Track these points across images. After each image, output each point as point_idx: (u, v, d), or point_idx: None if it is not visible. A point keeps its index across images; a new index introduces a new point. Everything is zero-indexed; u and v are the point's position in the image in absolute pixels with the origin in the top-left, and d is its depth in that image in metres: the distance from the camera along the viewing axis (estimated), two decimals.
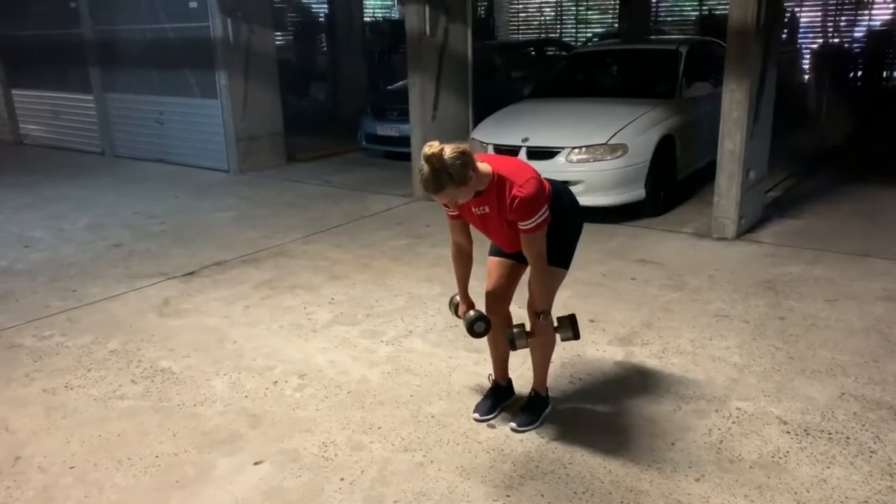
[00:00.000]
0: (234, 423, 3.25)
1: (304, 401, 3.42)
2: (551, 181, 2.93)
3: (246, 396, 3.48)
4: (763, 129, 5.65)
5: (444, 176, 2.49)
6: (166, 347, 4.06)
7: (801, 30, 12.85)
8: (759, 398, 3.25)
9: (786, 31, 12.58)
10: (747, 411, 3.15)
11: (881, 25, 12.74)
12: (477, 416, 3.17)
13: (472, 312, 3.00)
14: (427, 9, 6.81)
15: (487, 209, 2.74)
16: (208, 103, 8.93)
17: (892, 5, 13.66)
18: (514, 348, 2.91)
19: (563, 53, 11.11)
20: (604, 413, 3.21)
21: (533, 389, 3.18)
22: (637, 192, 5.98)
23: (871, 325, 3.96)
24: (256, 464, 2.93)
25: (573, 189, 5.76)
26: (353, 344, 4.02)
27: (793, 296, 4.40)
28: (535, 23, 17.96)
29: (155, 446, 3.08)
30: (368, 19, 15.27)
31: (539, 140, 6.04)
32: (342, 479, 2.80)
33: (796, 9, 12.67)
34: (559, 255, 2.89)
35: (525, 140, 6.10)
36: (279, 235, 6.18)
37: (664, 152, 6.19)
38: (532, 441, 3.01)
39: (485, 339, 3.27)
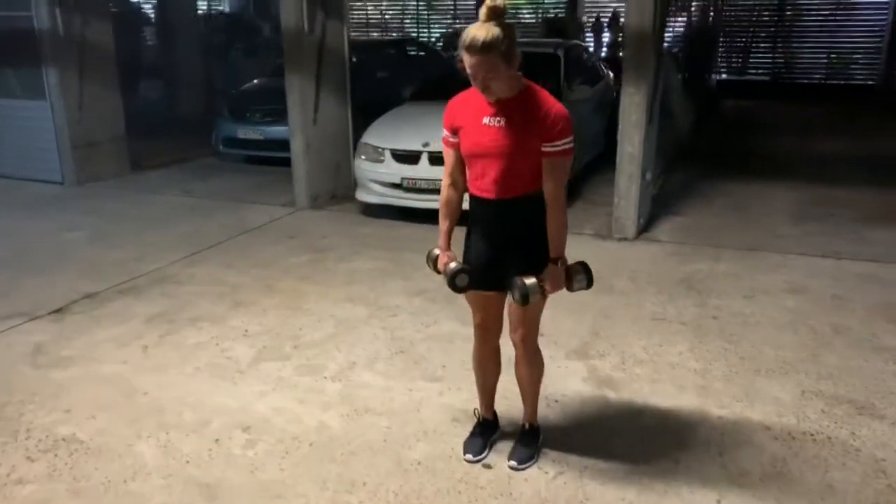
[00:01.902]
0: (183, 497, 2.71)
1: (262, 460, 2.94)
2: None
3: (187, 462, 2.93)
4: (654, 130, 5.85)
5: (503, 33, 2.32)
6: (59, 408, 3.34)
7: None
8: (732, 404, 3.28)
9: (621, 36, 13.37)
10: (729, 419, 3.16)
11: (693, 28, 13.54)
12: (469, 456, 2.89)
13: (453, 264, 2.65)
14: (305, 4, 6.31)
15: (503, 122, 2.46)
16: (34, 105, 7.69)
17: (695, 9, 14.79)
18: (527, 303, 2.52)
19: (422, 54, 10.96)
20: (594, 436, 3.07)
21: (526, 422, 2.96)
22: None
23: (793, 318, 4.19)
24: None
25: None
26: (292, 384, 3.56)
27: (713, 294, 4.56)
28: (376, 22, 17.66)
29: None
30: (203, 13, 14.13)
31: (440, 145, 5.78)
32: None
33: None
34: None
35: (426, 145, 5.85)
36: (153, 257, 5.42)
37: None
38: (537, 478, 2.79)
39: (470, 371, 3.01)
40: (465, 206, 2.73)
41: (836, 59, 14.21)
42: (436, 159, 5.81)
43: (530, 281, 2.51)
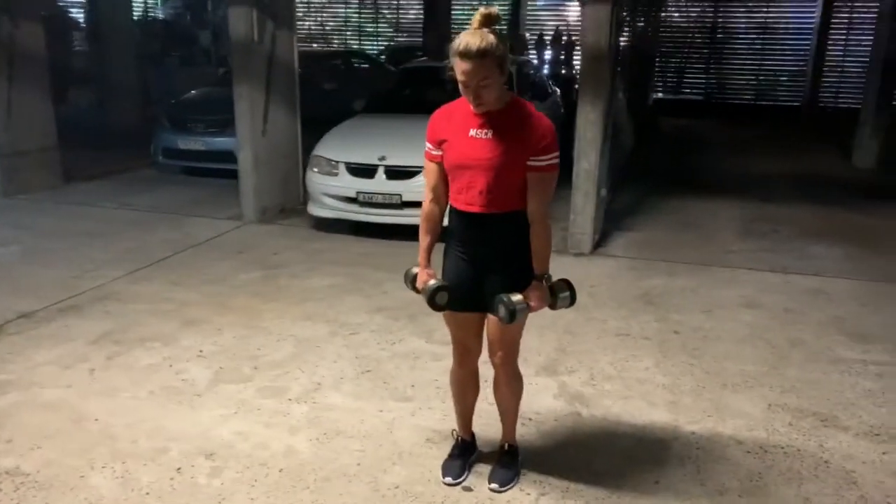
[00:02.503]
0: None
1: (229, 489, 2.78)
2: None
3: (147, 494, 2.74)
4: (608, 147, 5.92)
5: (497, 40, 2.29)
6: (0, 438, 3.08)
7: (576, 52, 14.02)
8: (704, 419, 3.31)
9: (563, 53, 13.62)
10: (703, 435, 3.18)
11: (634, 48, 13.89)
12: (449, 479, 2.81)
13: (432, 282, 2.55)
14: (255, 14, 6.14)
15: (490, 134, 2.41)
16: None
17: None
18: (513, 321, 2.45)
19: (366, 66, 10.87)
20: (572, 455, 3.03)
21: (506, 443, 2.90)
22: None
23: (751, 332, 4.28)
24: None
25: None
26: (255, 406, 3.39)
27: (672, 309, 4.62)
28: (318, 34, 17.45)
29: None
30: (138, 19, 13.65)
31: (397, 159, 5.73)
32: None
33: (572, 35, 13.79)
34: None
35: (382, 159, 5.76)
36: (94, 274, 5.13)
37: None
38: (519, 500, 2.73)
39: (442, 390, 2.94)
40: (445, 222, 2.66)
41: (763, 80, 14.84)
42: (393, 173, 5.74)
43: (516, 298, 2.46)
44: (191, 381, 3.63)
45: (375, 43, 16.75)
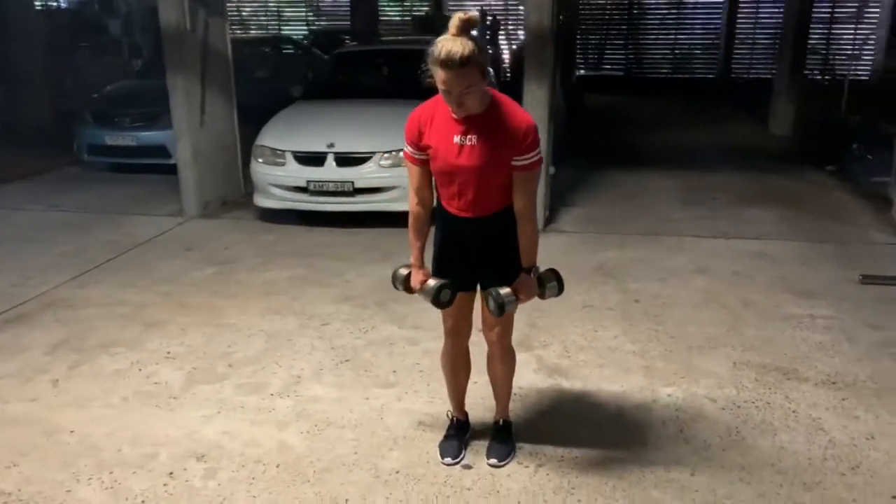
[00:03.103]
0: None
1: (228, 489, 2.73)
2: None
3: (143, 502, 2.66)
4: (553, 125, 6.04)
5: (476, 46, 2.25)
6: None
7: (500, 32, 14.13)
8: (678, 382, 3.47)
9: (489, 33, 13.67)
10: (679, 396, 3.34)
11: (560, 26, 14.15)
12: (448, 459, 2.86)
13: (431, 281, 2.60)
14: (186, 0, 5.92)
15: (475, 140, 2.42)
16: None
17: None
18: (503, 313, 2.54)
19: (292, 50, 10.64)
20: (560, 426, 3.13)
21: (500, 418, 2.97)
22: None
23: (705, 297, 4.49)
24: None
25: (386, 195, 5.55)
26: (237, 404, 3.33)
27: (629, 279, 4.79)
28: (232, 18, 16.88)
29: None
30: (43, 8, 12.86)
31: (346, 145, 5.67)
32: None
33: (497, 16, 13.87)
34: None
35: (331, 146, 5.68)
36: (36, 280, 4.88)
37: None
38: (519, 473, 2.80)
39: (440, 373, 2.97)
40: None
41: (679, 54, 15.38)
42: (343, 160, 5.68)
43: (505, 291, 2.54)
44: (164, 383, 3.52)
45: (301, 27, 16.35)
